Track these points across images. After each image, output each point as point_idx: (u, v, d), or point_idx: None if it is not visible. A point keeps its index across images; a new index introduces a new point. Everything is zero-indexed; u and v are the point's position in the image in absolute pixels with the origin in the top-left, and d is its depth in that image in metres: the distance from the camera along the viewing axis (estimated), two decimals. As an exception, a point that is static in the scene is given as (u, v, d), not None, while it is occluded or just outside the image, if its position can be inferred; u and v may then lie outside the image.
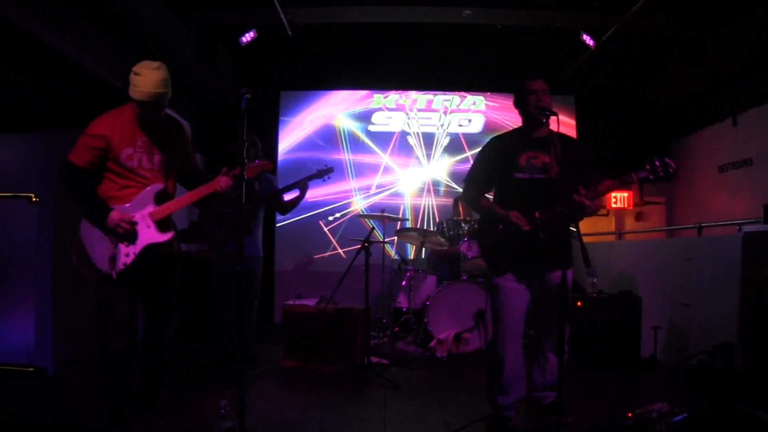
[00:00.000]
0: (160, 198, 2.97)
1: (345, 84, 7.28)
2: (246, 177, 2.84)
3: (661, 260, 5.00)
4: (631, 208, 7.34)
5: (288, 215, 5.02)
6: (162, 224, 2.97)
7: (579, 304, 4.43)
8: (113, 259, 2.83)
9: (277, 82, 7.22)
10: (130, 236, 2.86)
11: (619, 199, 7.19)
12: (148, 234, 2.91)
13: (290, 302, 4.85)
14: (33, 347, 4.28)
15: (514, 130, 3.19)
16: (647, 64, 6.49)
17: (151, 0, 4.46)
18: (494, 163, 3.05)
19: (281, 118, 7.25)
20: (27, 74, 4.30)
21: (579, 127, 7.21)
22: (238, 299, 4.31)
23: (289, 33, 5.74)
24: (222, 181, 3.05)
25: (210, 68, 5.77)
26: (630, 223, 7.56)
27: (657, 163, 2.64)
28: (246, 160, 2.78)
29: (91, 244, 2.88)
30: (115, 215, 2.82)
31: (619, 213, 7.53)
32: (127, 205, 2.90)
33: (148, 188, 2.94)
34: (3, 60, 4.10)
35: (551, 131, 2.87)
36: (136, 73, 2.86)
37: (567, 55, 6.39)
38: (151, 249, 2.92)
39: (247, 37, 5.41)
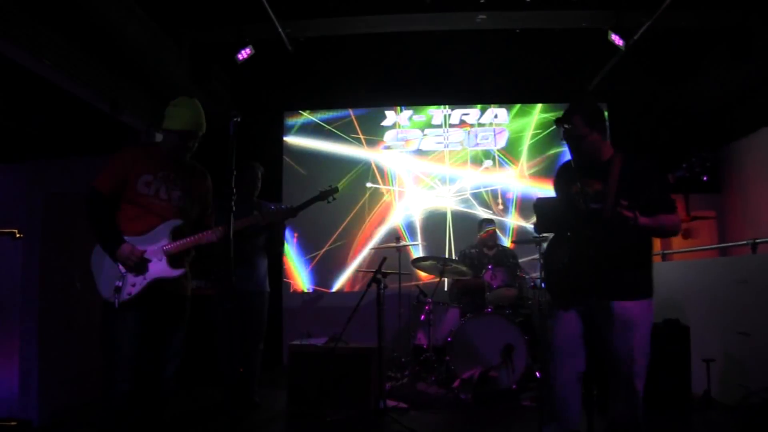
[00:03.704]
0: (177, 234, 3.12)
1: (353, 101, 7.35)
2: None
3: (712, 283, 4.86)
4: (678, 224, 7.16)
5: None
6: (174, 260, 3.10)
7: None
8: (119, 289, 2.96)
9: (280, 101, 7.31)
10: (139, 269, 3.00)
11: (663, 215, 7.02)
12: (159, 268, 3.04)
13: (297, 342, 4.83)
14: (16, 398, 4.31)
15: None
16: (686, 62, 6.41)
17: (137, 17, 4.58)
18: (558, 194, 3.19)
19: (285, 140, 7.34)
20: (5, 101, 4.41)
21: (613, 138, 7.12)
22: (230, 338, 4.30)
23: (289, 48, 5.83)
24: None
25: (204, 88, 5.86)
26: (677, 242, 7.38)
27: (693, 159, 2.66)
28: (234, 189, 2.87)
29: (99, 270, 3.04)
30: (125, 248, 2.97)
31: (665, 231, 7.36)
32: (143, 237, 3.06)
33: (166, 223, 3.10)
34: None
35: (615, 153, 2.97)
36: (174, 105, 3.18)
37: (596, 58, 6.35)
38: (159, 284, 3.05)
39: (244, 53, 5.49)
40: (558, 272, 3.02)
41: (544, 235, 5.21)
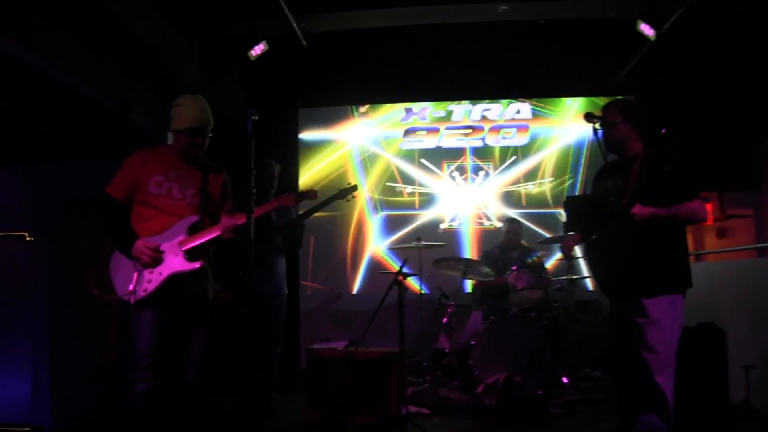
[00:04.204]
0: (194, 230, 3.13)
1: (370, 97, 7.28)
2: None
3: (749, 285, 4.73)
4: (712, 223, 7.02)
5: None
6: (191, 254, 3.09)
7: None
8: (135, 288, 2.99)
9: (295, 98, 7.27)
10: (153, 263, 3.02)
11: (696, 212, 6.87)
12: (175, 263, 3.04)
13: (316, 346, 4.80)
14: (28, 403, 4.33)
15: None
16: (720, 53, 6.24)
17: (147, 14, 4.55)
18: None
19: (300, 138, 7.29)
20: (15, 102, 4.43)
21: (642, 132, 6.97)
22: (247, 343, 4.28)
23: (304, 43, 5.78)
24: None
25: (217, 86, 5.84)
26: (711, 242, 7.23)
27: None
28: (253, 189, 2.85)
29: (116, 270, 3.09)
30: (138, 243, 3.00)
31: (697, 230, 7.20)
32: (159, 236, 3.08)
33: (183, 220, 3.12)
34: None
35: (643, 149, 3.06)
36: (177, 105, 3.22)
37: (623, 50, 6.21)
38: (178, 283, 3.05)
39: (257, 50, 5.46)
40: (594, 275, 3.20)
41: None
